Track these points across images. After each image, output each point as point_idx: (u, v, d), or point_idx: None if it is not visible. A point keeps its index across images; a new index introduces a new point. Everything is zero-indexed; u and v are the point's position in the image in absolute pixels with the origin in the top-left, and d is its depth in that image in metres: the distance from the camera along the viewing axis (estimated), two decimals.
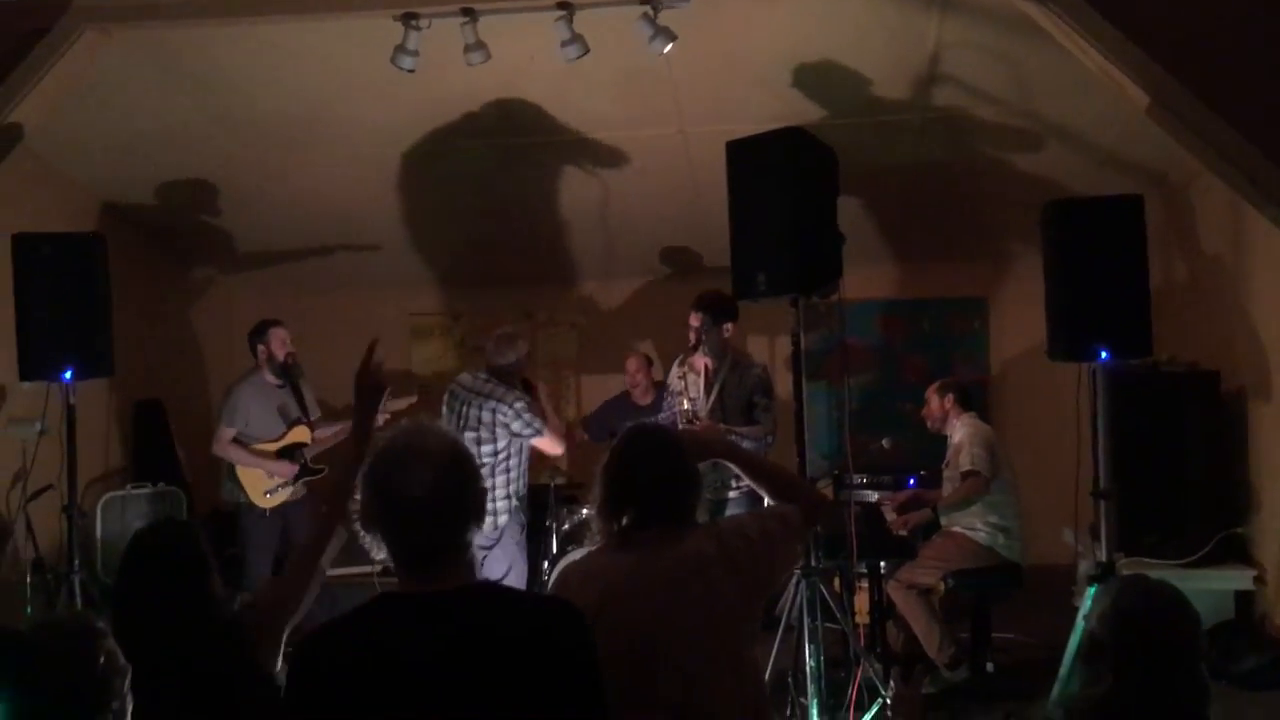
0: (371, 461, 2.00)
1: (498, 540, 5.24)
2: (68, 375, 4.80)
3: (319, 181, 6.60)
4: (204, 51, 5.32)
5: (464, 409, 5.32)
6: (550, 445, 5.43)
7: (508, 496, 5.32)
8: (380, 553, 1.97)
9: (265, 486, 5.73)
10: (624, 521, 2.58)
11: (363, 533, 1.99)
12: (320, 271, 7.70)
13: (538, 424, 5.28)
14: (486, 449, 5.25)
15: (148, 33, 5.05)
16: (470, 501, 1.97)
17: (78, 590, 4.75)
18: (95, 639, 2.10)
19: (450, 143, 6.20)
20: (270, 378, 5.87)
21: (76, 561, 4.84)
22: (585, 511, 6.31)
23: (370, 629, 1.91)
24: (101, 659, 2.07)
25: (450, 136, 6.15)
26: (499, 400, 5.26)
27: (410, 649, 1.86)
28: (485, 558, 5.20)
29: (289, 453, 5.82)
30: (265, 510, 5.71)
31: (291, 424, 5.87)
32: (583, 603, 2.20)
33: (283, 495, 5.76)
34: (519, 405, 5.25)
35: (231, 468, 5.73)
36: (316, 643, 1.95)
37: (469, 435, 5.24)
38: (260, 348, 5.86)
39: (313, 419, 5.97)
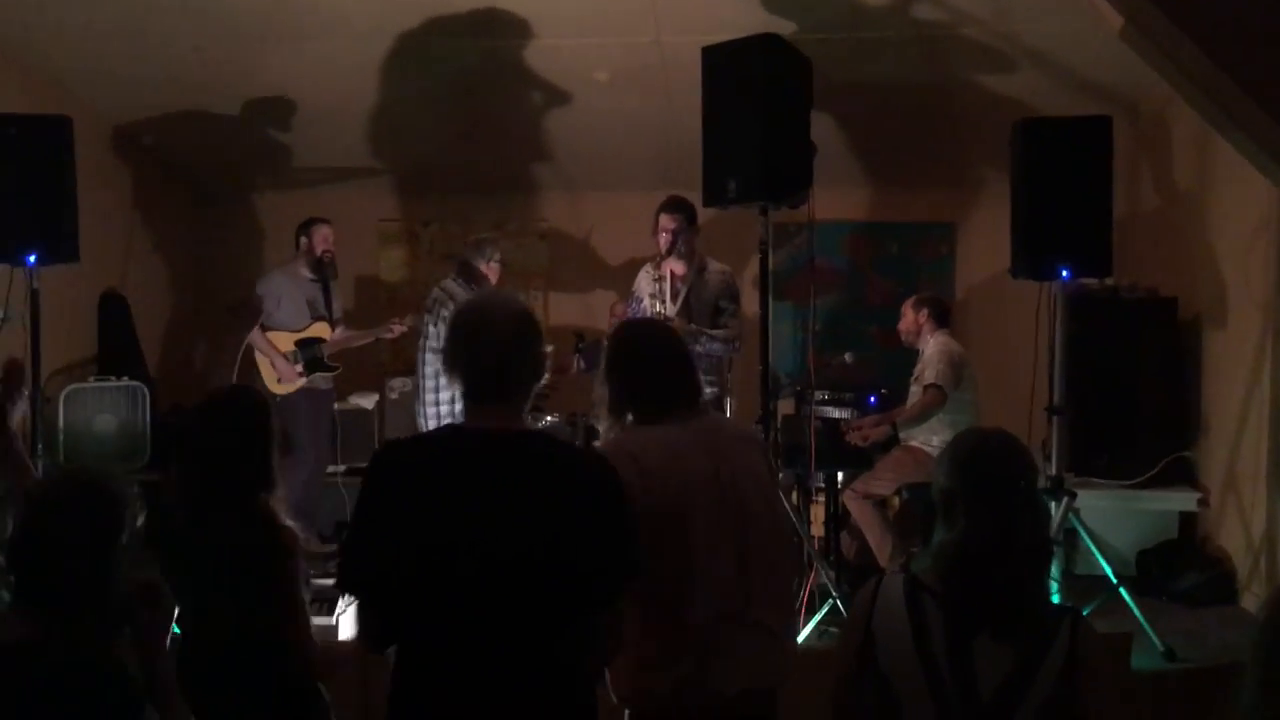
0: (458, 312, 2.40)
1: None
2: (31, 259, 4.74)
3: (286, 78, 6.50)
4: None
5: (427, 317, 5.56)
6: None
7: (452, 401, 5.33)
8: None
9: (275, 376, 6.11)
10: (635, 411, 2.74)
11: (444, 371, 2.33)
12: (287, 172, 7.60)
13: None
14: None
15: None
16: (530, 354, 2.29)
17: (40, 473, 4.75)
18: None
19: (425, 42, 6.11)
20: (305, 271, 6.19)
21: (40, 445, 4.84)
22: (548, 419, 6.37)
23: (441, 449, 2.26)
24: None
25: (425, 36, 6.06)
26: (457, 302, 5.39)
27: (471, 471, 2.17)
28: None
29: (308, 344, 6.11)
30: (276, 396, 5.98)
31: (315, 318, 6.17)
32: (638, 468, 2.49)
33: (292, 386, 6.09)
34: None
35: (253, 355, 6.09)
36: (394, 450, 2.32)
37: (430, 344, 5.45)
38: (303, 240, 6.19)
39: (335, 319, 6.29)
